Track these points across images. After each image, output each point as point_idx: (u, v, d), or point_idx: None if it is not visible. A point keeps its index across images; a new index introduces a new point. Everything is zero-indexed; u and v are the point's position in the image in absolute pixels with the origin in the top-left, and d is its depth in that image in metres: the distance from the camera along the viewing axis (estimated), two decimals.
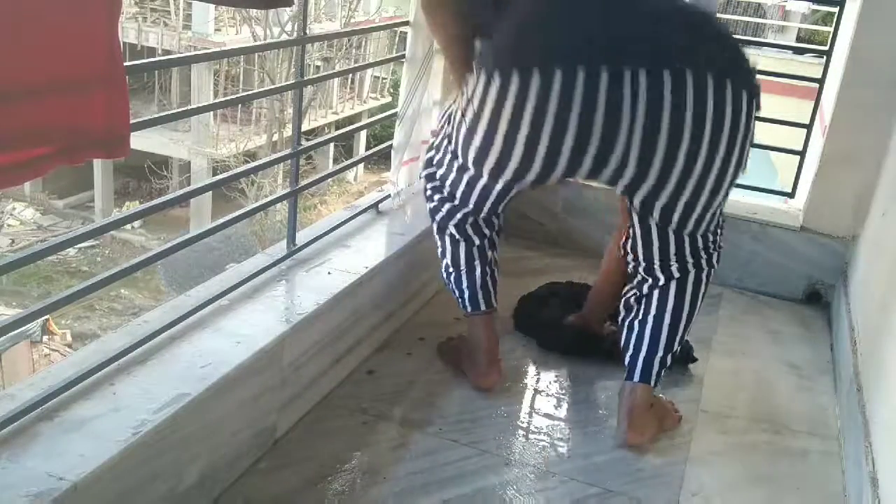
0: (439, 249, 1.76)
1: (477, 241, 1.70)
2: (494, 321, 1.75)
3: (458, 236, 1.70)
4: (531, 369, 1.87)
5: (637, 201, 1.45)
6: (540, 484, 1.49)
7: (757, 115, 1.41)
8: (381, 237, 1.94)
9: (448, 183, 1.63)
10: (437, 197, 1.70)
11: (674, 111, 1.30)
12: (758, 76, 1.41)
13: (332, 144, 12.27)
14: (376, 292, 1.80)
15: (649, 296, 1.61)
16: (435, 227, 1.75)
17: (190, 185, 6.30)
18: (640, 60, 1.28)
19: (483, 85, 1.38)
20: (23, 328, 7.27)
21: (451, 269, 1.74)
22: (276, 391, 1.47)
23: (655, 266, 1.57)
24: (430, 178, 1.71)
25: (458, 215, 1.67)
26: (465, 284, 1.73)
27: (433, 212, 1.73)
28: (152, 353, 1.30)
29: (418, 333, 1.96)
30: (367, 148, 13.43)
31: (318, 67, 12.60)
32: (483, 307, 1.73)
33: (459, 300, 1.75)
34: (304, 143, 1.79)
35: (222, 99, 8.96)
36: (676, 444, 1.66)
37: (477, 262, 1.71)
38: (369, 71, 14.99)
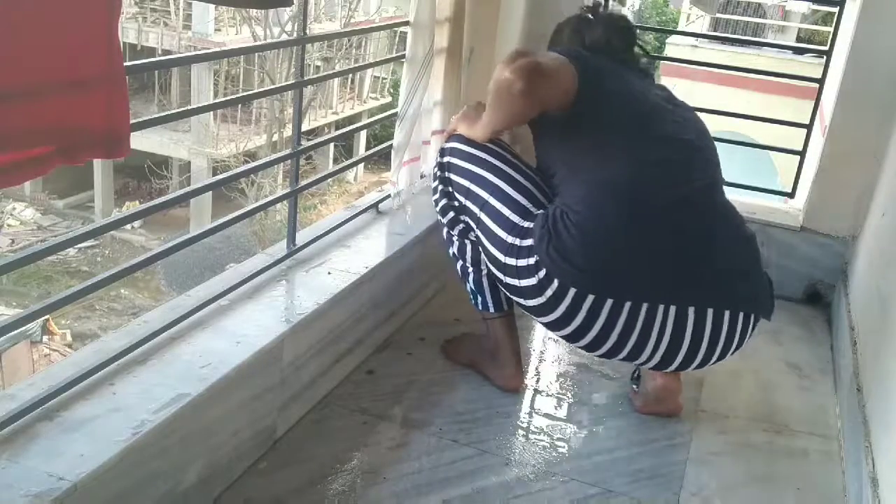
0: (454, 248, 1.73)
1: None
2: (515, 319, 1.75)
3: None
4: (531, 369, 1.86)
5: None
6: (540, 484, 1.49)
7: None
8: (381, 237, 1.94)
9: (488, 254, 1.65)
10: (459, 233, 1.70)
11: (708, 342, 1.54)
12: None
13: (332, 144, 12.28)
14: (376, 292, 1.80)
15: None
16: (450, 230, 1.72)
17: (190, 185, 6.31)
18: (694, 300, 1.50)
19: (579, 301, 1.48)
20: (23, 328, 7.28)
21: (470, 270, 1.72)
22: (276, 391, 1.47)
23: None
24: (463, 228, 1.69)
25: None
26: (486, 285, 1.71)
27: (451, 224, 1.71)
28: (152, 353, 1.30)
29: (418, 333, 1.96)
30: (367, 148, 13.45)
31: (318, 67, 12.61)
32: (506, 307, 1.73)
33: (480, 301, 1.73)
34: (304, 143, 1.79)
35: (222, 99, 8.97)
36: (676, 444, 1.66)
37: None
38: (369, 71, 15.01)
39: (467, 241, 1.70)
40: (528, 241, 1.51)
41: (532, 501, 1.44)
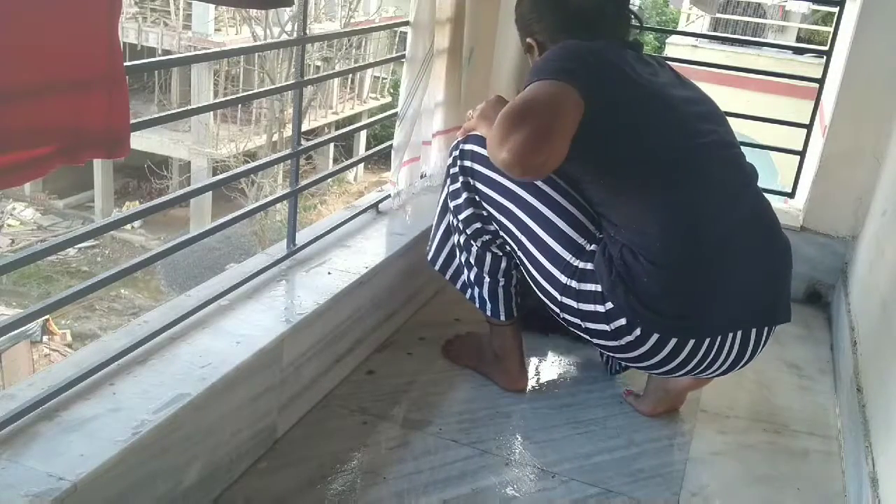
0: (470, 256, 1.68)
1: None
2: (519, 324, 1.75)
3: (500, 253, 1.66)
4: (531, 369, 1.86)
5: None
6: (540, 484, 1.49)
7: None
8: (381, 237, 1.94)
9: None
10: (483, 244, 1.65)
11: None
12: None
13: (332, 144, 12.28)
14: (376, 292, 1.80)
15: None
16: (471, 239, 1.66)
17: (190, 185, 6.31)
18: (757, 321, 1.50)
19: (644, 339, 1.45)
20: (23, 328, 7.28)
21: (485, 279, 1.68)
22: (276, 391, 1.47)
23: None
24: (488, 236, 1.63)
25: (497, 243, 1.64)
26: (501, 296, 1.69)
27: (475, 234, 1.64)
28: (152, 353, 1.30)
29: (418, 333, 1.96)
30: (367, 148, 13.46)
31: (318, 67, 12.61)
32: (515, 314, 1.72)
33: (490, 309, 1.70)
34: (304, 143, 1.79)
35: (222, 99, 8.96)
36: (676, 444, 1.66)
37: (514, 272, 1.67)
38: (369, 71, 15.01)
39: (488, 253, 1.65)
40: (590, 286, 1.45)
41: (532, 501, 1.44)
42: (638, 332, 1.43)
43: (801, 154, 2.52)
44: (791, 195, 2.57)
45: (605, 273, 1.42)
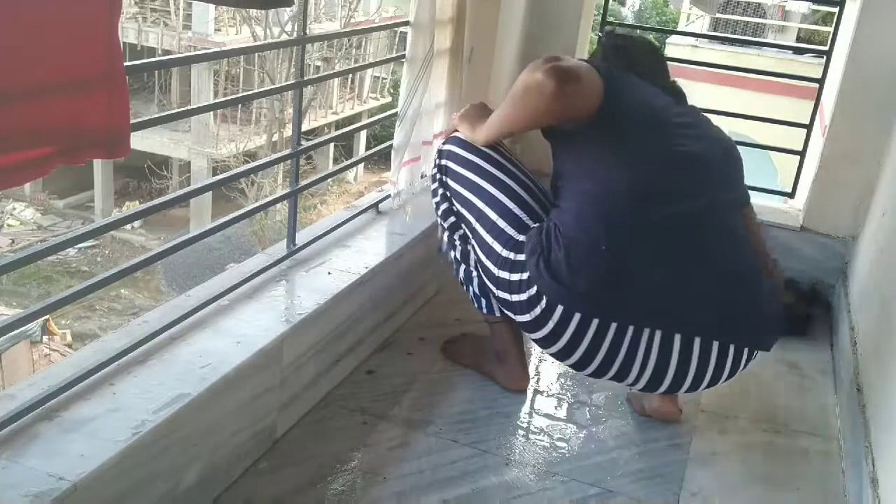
0: (456, 253, 1.71)
1: None
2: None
3: None
4: (531, 369, 1.86)
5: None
6: (540, 484, 1.49)
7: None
8: (381, 237, 1.94)
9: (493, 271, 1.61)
10: (461, 238, 1.68)
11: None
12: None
13: (332, 144, 12.28)
14: (376, 292, 1.80)
15: None
16: (451, 235, 1.71)
17: (190, 185, 6.31)
18: (680, 327, 1.46)
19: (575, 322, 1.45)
20: (23, 328, 7.27)
21: (474, 274, 1.69)
22: (275, 391, 1.47)
23: None
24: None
25: None
26: None
27: (451, 229, 1.70)
28: (152, 353, 1.30)
29: (418, 333, 1.96)
30: (367, 148, 13.45)
31: (318, 67, 12.61)
32: None
33: (485, 305, 1.71)
34: (304, 143, 1.79)
35: (222, 99, 8.96)
36: (676, 444, 1.66)
37: None
38: (369, 71, 15.01)
39: (469, 247, 1.67)
40: (521, 256, 1.50)
41: (532, 501, 1.44)
42: (544, 302, 1.45)
43: (801, 154, 2.53)
44: (791, 195, 2.57)
45: (531, 242, 1.48)
